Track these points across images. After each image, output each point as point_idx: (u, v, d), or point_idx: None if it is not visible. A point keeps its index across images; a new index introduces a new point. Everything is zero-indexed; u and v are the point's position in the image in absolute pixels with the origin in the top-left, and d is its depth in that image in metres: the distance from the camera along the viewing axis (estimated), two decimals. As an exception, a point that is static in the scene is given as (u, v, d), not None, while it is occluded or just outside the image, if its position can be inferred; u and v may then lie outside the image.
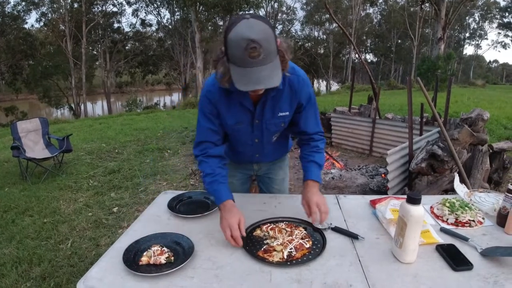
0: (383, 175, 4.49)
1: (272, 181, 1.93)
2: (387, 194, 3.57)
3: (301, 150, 1.64)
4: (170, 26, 28.27)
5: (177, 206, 1.65)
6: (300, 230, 1.39)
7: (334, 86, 35.17)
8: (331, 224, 1.44)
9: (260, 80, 1.15)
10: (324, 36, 38.84)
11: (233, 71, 1.18)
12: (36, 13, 25.93)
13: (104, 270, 1.19)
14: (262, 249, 1.29)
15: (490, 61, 59.44)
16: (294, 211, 1.59)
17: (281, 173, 1.93)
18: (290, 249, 1.28)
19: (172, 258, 1.22)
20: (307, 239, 1.33)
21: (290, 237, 1.34)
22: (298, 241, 1.31)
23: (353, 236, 1.37)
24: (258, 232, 1.42)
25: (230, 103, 1.44)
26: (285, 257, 1.24)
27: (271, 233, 1.38)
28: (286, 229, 1.41)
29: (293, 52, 1.34)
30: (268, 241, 1.35)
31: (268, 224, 1.45)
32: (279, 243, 1.31)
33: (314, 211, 1.40)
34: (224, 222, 1.33)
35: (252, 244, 1.34)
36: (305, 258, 1.24)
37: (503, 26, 39.31)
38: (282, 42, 1.24)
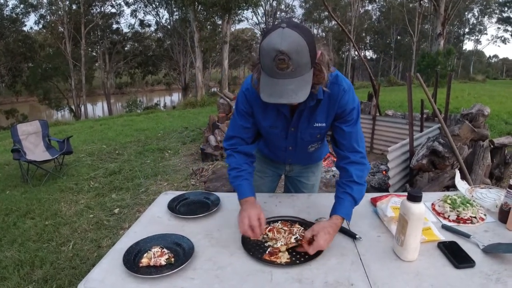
0: (384, 172, 4.49)
1: (302, 185, 1.91)
2: (388, 191, 3.56)
3: (340, 175, 1.47)
4: (169, 26, 28.23)
5: (177, 207, 1.64)
6: (298, 227, 1.38)
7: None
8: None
9: (283, 94, 1.12)
10: (323, 34, 38.80)
11: (262, 79, 1.16)
12: (35, 15, 25.89)
13: (105, 272, 1.18)
14: (267, 252, 1.27)
15: (490, 56, 59.54)
16: (296, 210, 1.58)
17: (313, 178, 1.91)
18: (295, 238, 1.29)
19: (173, 259, 1.22)
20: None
21: (291, 234, 1.33)
22: (299, 233, 1.32)
23: (351, 235, 1.36)
24: None
25: (267, 106, 1.41)
26: (293, 241, 1.26)
27: (270, 234, 1.36)
28: (284, 228, 1.39)
29: (334, 64, 1.27)
30: (269, 243, 1.33)
31: (265, 226, 1.42)
32: (283, 244, 1.30)
33: (306, 237, 1.26)
34: (243, 213, 1.34)
35: (254, 249, 1.31)
36: (307, 257, 1.23)
37: (503, 20, 39.16)
38: (324, 55, 1.19)
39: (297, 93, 1.13)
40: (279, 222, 1.45)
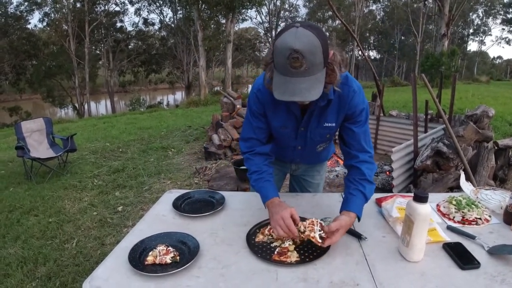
0: (387, 172, 4.47)
1: (307, 184, 1.92)
2: (392, 191, 3.55)
3: (349, 173, 1.48)
4: (172, 25, 28.25)
5: (182, 205, 1.65)
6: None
7: (337, 84, 35.02)
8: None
9: (296, 92, 1.13)
10: (327, 33, 38.65)
11: (275, 77, 1.17)
12: (39, 13, 25.94)
13: (110, 270, 1.19)
14: (276, 252, 1.27)
15: (494, 57, 59.09)
16: (300, 209, 1.57)
17: (318, 177, 1.92)
18: (320, 230, 1.23)
19: (178, 257, 1.22)
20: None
21: (312, 225, 1.27)
22: (319, 223, 1.26)
23: (356, 236, 1.36)
24: (260, 237, 1.37)
25: (278, 106, 1.42)
26: (319, 240, 1.21)
27: (274, 235, 1.34)
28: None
29: (347, 65, 1.27)
30: (275, 243, 1.32)
31: (267, 226, 1.41)
32: (291, 243, 1.29)
33: (331, 228, 1.24)
34: (276, 216, 1.30)
35: (262, 250, 1.29)
36: (315, 254, 1.23)
37: (507, 22, 38.90)
38: (337, 55, 1.20)
39: (310, 92, 1.13)
40: None
